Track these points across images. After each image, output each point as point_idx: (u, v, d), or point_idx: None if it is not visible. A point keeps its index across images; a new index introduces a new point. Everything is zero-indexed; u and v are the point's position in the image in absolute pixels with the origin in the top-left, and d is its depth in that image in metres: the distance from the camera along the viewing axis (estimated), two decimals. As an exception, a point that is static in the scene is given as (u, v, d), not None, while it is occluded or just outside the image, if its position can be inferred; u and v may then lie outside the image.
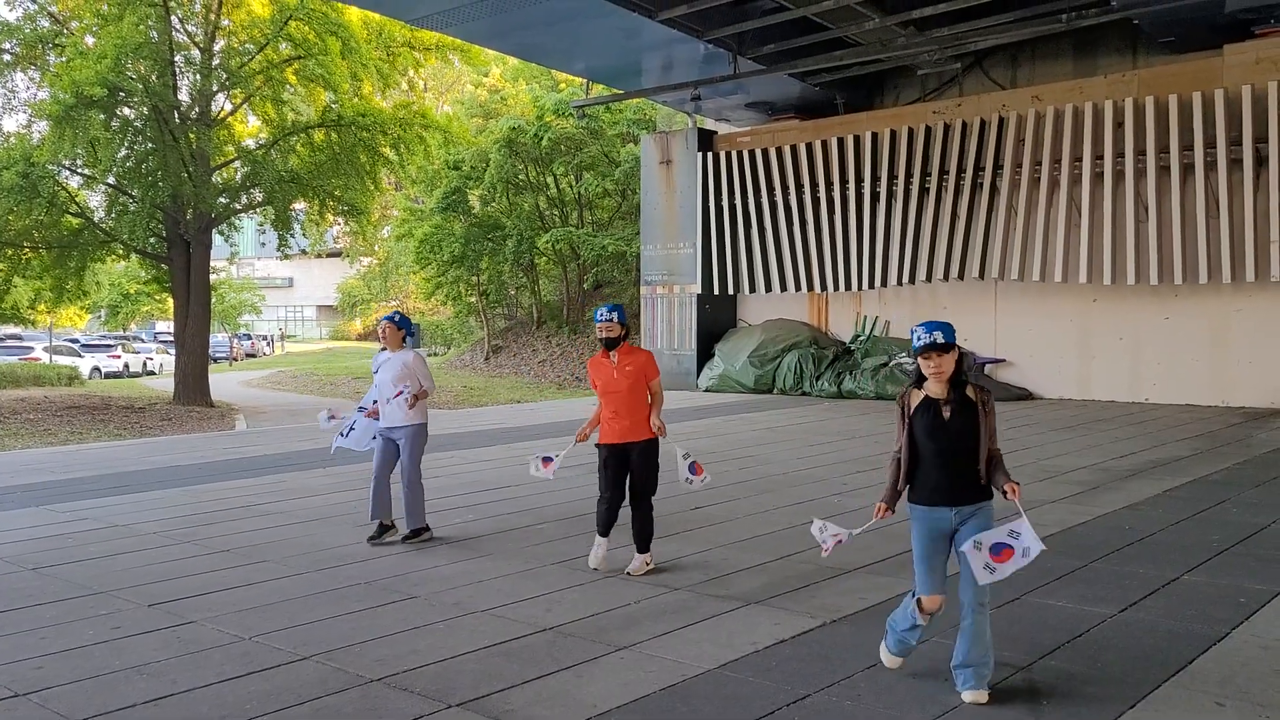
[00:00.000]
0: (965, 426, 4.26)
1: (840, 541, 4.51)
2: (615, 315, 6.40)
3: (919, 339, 4.26)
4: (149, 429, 19.99)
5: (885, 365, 19.15)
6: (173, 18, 23.50)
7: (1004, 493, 4.23)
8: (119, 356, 39.46)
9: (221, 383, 31.52)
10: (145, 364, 41.15)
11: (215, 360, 39.31)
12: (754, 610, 5.54)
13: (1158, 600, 5.66)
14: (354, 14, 23.66)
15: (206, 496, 9.36)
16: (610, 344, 6.40)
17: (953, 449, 4.25)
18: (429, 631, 5.21)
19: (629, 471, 6.43)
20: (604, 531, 6.51)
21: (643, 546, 6.42)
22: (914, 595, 4.38)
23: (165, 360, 39.82)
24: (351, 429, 7.61)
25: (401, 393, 7.19)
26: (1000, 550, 4.10)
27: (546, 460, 6.81)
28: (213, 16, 24.35)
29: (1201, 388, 16.96)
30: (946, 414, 4.27)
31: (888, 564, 6.54)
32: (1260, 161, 15.72)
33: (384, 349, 7.59)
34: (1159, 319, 17.39)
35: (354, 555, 6.93)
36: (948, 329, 4.28)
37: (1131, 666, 4.60)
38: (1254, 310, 16.45)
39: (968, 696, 4.21)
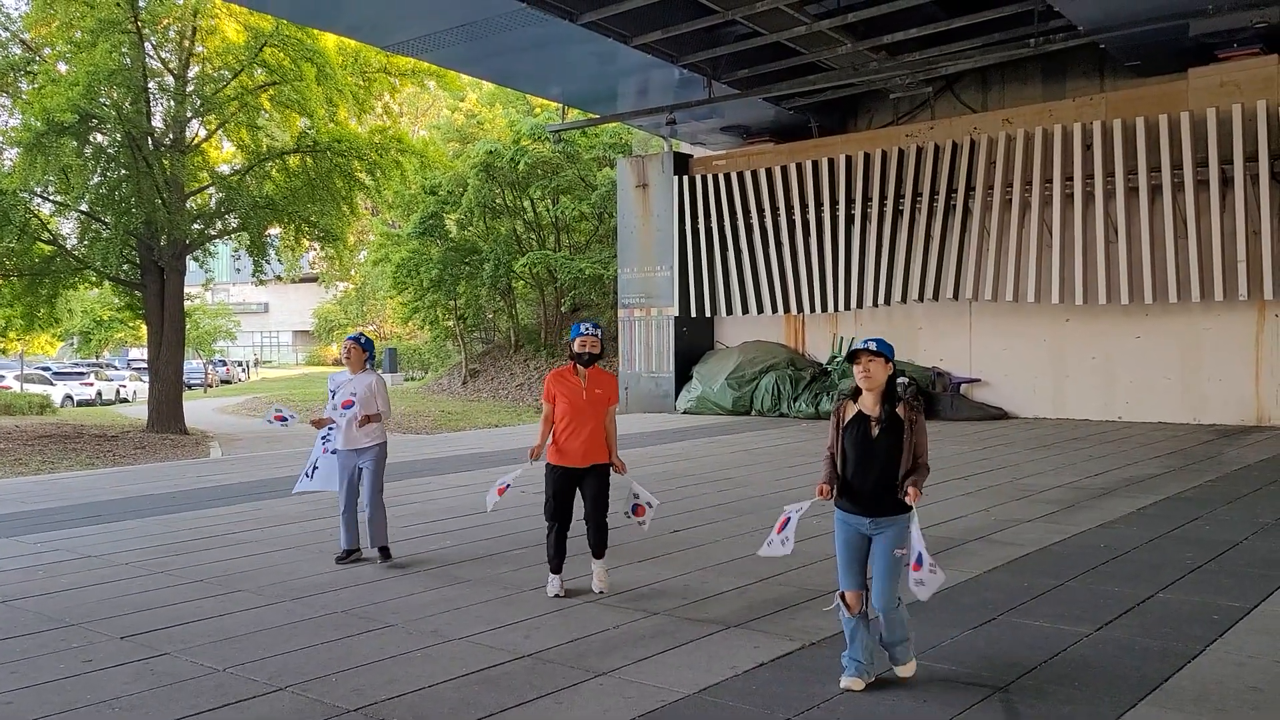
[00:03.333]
0: (890, 444, 4.48)
1: (787, 520, 4.88)
2: (600, 332, 6.33)
3: (854, 346, 4.54)
4: (122, 457, 19.79)
5: (862, 386, 19.22)
6: (146, 44, 23.45)
7: (904, 494, 4.43)
8: (91, 384, 39.10)
9: (196, 410, 31.24)
10: (118, 391, 40.78)
11: (189, 387, 38.98)
12: (733, 634, 5.53)
13: (1133, 618, 5.70)
14: (329, 40, 23.69)
15: (180, 526, 9.26)
16: (588, 360, 6.27)
17: (876, 465, 4.49)
18: (406, 660, 5.18)
19: (574, 496, 6.32)
20: (558, 567, 6.39)
21: (599, 552, 6.41)
22: (838, 591, 4.69)
23: (139, 387, 39.47)
24: (315, 468, 7.62)
25: (351, 403, 7.27)
26: (915, 561, 4.42)
27: (503, 487, 6.54)
28: (187, 43, 24.32)
29: (1173, 406, 17.14)
30: (875, 431, 4.51)
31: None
32: (1226, 183, 15.98)
33: (343, 370, 7.67)
34: (1130, 338, 17.58)
35: (330, 584, 6.87)
36: (883, 342, 4.56)
37: (1108, 685, 4.63)
38: (1223, 329, 16.67)
39: (900, 672, 4.66)
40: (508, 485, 6.52)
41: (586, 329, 6.29)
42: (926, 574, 4.41)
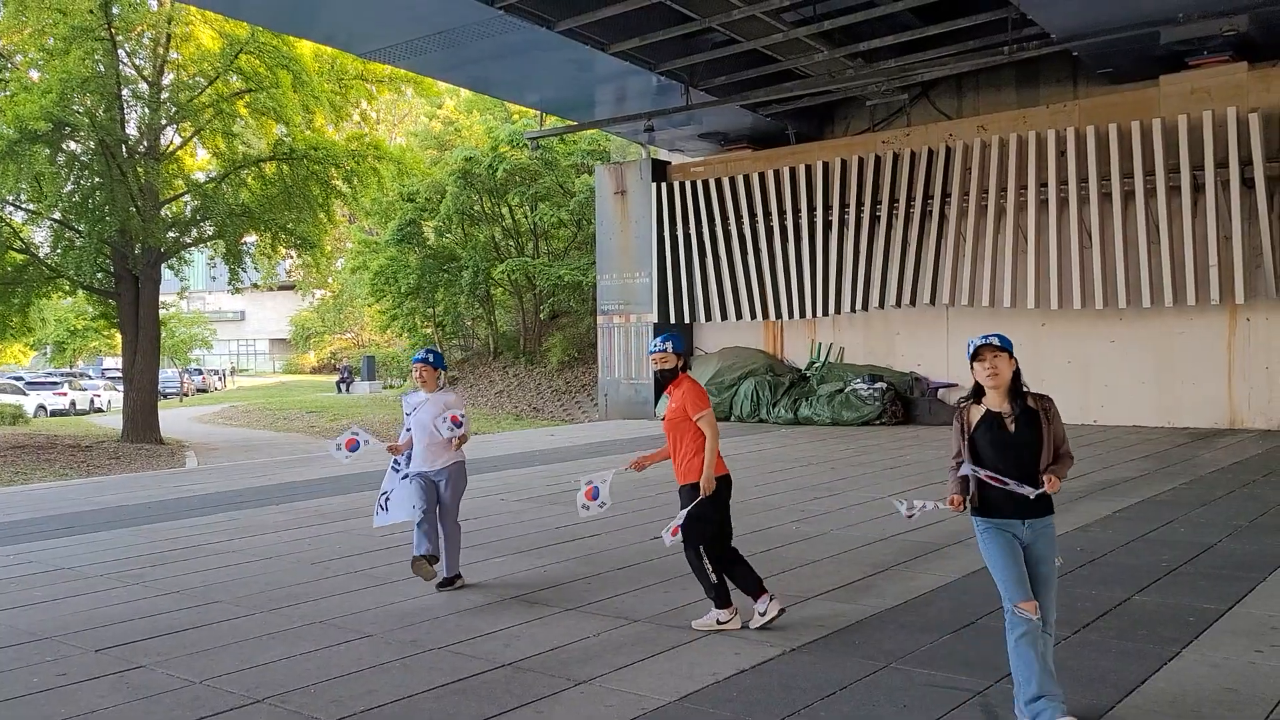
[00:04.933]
0: (1030, 438, 4.18)
1: (924, 509, 4.49)
2: (669, 345, 5.78)
3: (973, 343, 4.22)
4: (97, 468, 19.60)
5: (840, 391, 19.31)
6: (120, 51, 23.29)
7: (1043, 483, 4.14)
8: (65, 394, 38.67)
9: (171, 419, 30.99)
10: (92, 401, 40.35)
11: (165, 396, 38.61)
12: (714, 640, 5.53)
13: (1110, 621, 5.74)
14: (306, 47, 23.59)
15: (156, 536, 9.17)
16: (664, 378, 5.85)
17: (1019, 462, 4.16)
18: (385, 670, 5.15)
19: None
20: (720, 600, 5.72)
21: (717, 604, 5.71)
22: (1010, 604, 4.14)
23: (113, 397, 39.08)
24: (388, 498, 7.09)
25: (456, 427, 6.84)
26: None
27: (592, 492, 6.02)
28: (161, 50, 24.16)
29: (1148, 409, 17.30)
30: (1012, 428, 4.20)
31: (848, 590, 6.57)
32: (1198, 188, 16.16)
33: (417, 389, 7.16)
34: (1105, 342, 17.73)
35: (308, 594, 6.82)
36: (1004, 338, 4.23)
37: (1085, 687, 4.66)
38: (1196, 333, 16.84)
39: None
40: (596, 488, 5.99)
41: (654, 345, 5.82)
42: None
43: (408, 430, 7.03)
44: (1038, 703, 4.06)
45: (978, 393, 4.29)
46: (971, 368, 4.25)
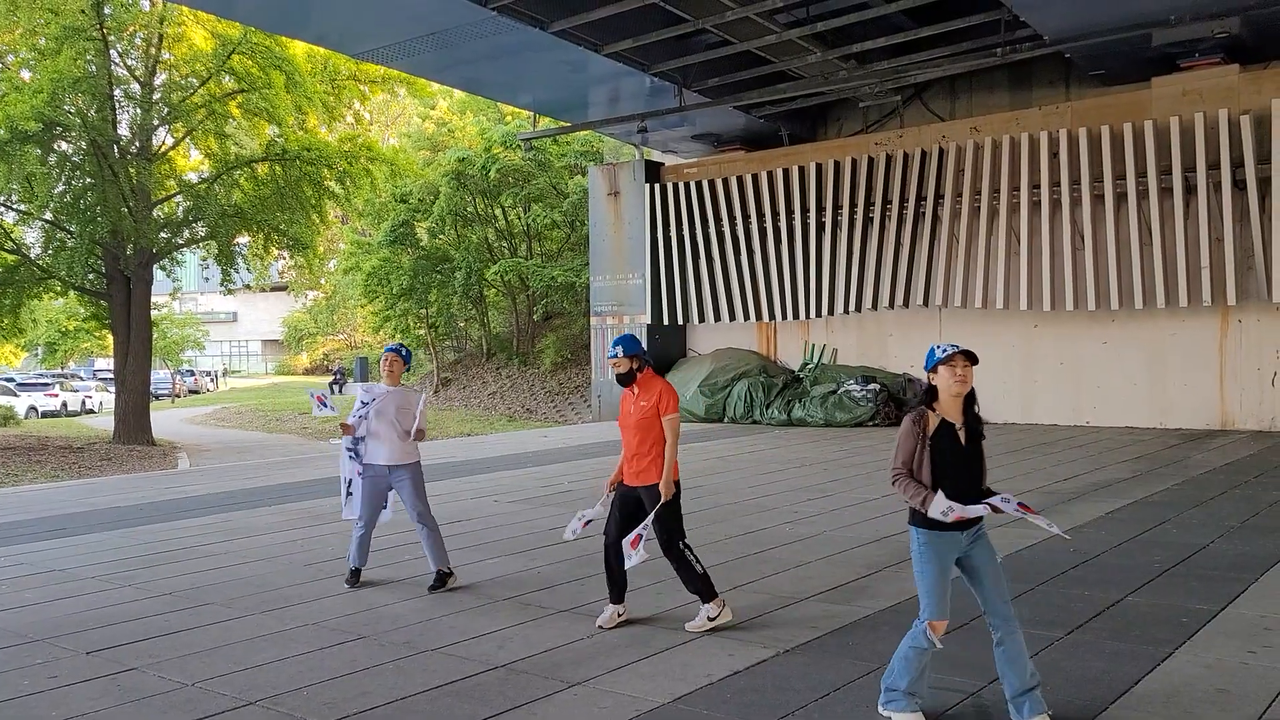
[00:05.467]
0: (977, 451, 4.24)
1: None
2: (620, 349, 5.83)
3: (944, 349, 4.19)
4: (88, 469, 19.53)
5: (834, 392, 19.33)
6: (112, 51, 23.20)
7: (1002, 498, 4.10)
8: (56, 395, 38.52)
9: (163, 420, 30.89)
10: (84, 402, 40.21)
11: (157, 397, 38.53)
12: (708, 642, 5.53)
13: (1103, 622, 5.75)
14: (298, 47, 23.54)
15: (148, 538, 9.14)
16: (622, 381, 5.87)
17: (970, 474, 4.20)
18: (379, 672, 5.13)
19: (631, 515, 5.81)
20: (613, 597, 5.92)
21: (705, 596, 5.78)
22: (920, 622, 4.23)
23: (105, 398, 38.95)
24: (350, 494, 7.11)
25: (421, 428, 6.92)
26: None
27: (587, 522, 6.03)
28: (153, 50, 24.08)
29: (1140, 410, 17.34)
30: (963, 439, 4.21)
31: (841, 591, 6.57)
32: (1189, 190, 16.21)
33: (378, 381, 7.15)
34: (1098, 344, 17.78)
35: (301, 596, 6.80)
36: (957, 349, 4.21)
37: (1079, 688, 4.66)
38: (1188, 334, 16.89)
39: None
40: (589, 520, 6.02)
41: (610, 352, 5.87)
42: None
43: (361, 417, 6.94)
44: (895, 693, 4.26)
45: (929, 399, 4.25)
46: (934, 372, 4.20)
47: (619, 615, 5.90)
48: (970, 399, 4.24)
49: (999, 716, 4.35)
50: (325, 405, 7.34)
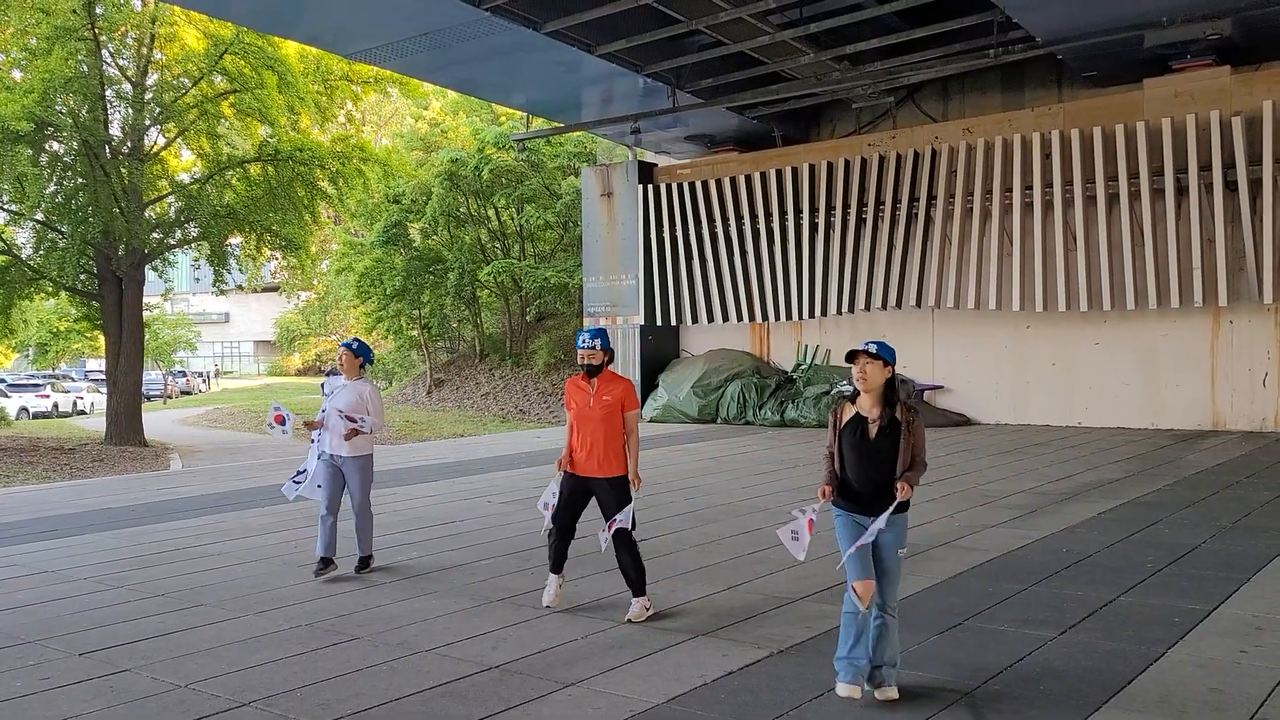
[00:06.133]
0: (888, 446, 4.51)
1: (811, 521, 4.69)
2: (599, 342, 6.07)
3: (855, 347, 4.60)
4: (80, 470, 19.46)
5: (827, 393, 19.36)
6: (104, 51, 23.13)
7: (896, 488, 4.47)
8: (48, 396, 38.39)
9: (155, 421, 30.80)
10: (75, 403, 40.07)
11: (149, 398, 38.39)
12: (701, 642, 5.53)
13: (1096, 621, 5.76)
14: (291, 47, 23.49)
15: (140, 539, 9.11)
16: (592, 371, 6.09)
17: (874, 467, 4.52)
18: (373, 673, 5.12)
19: (586, 506, 6.16)
20: (555, 568, 6.30)
21: (638, 590, 6.06)
22: (848, 584, 4.54)
23: (96, 399, 38.84)
24: (304, 471, 7.38)
25: (358, 429, 7.15)
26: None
27: (549, 506, 6.25)
28: (145, 50, 24.01)
29: (1132, 411, 17.39)
30: (872, 432, 4.53)
31: (834, 592, 6.57)
32: (1181, 191, 16.26)
33: (337, 374, 7.49)
34: (1090, 344, 17.83)
35: (294, 597, 6.79)
36: (884, 345, 4.56)
37: (1072, 688, 4.68)
38: (1179, 335, 16.95)
39: (884, 694, 4.55)
40: (550, 504, 6.24)
41: (584, 341, 6.07)
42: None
43: (323, 411, 7.33)
44: (840, 661, 4.58)
45: (855, 394, 4.64)
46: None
47: (559, 586, 6.30)
48: (889, 395, 4.52)
49: (993, 716, 4.36)
50: (284, 425, 7.42)
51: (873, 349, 4.51)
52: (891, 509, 4.47)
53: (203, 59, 23.32)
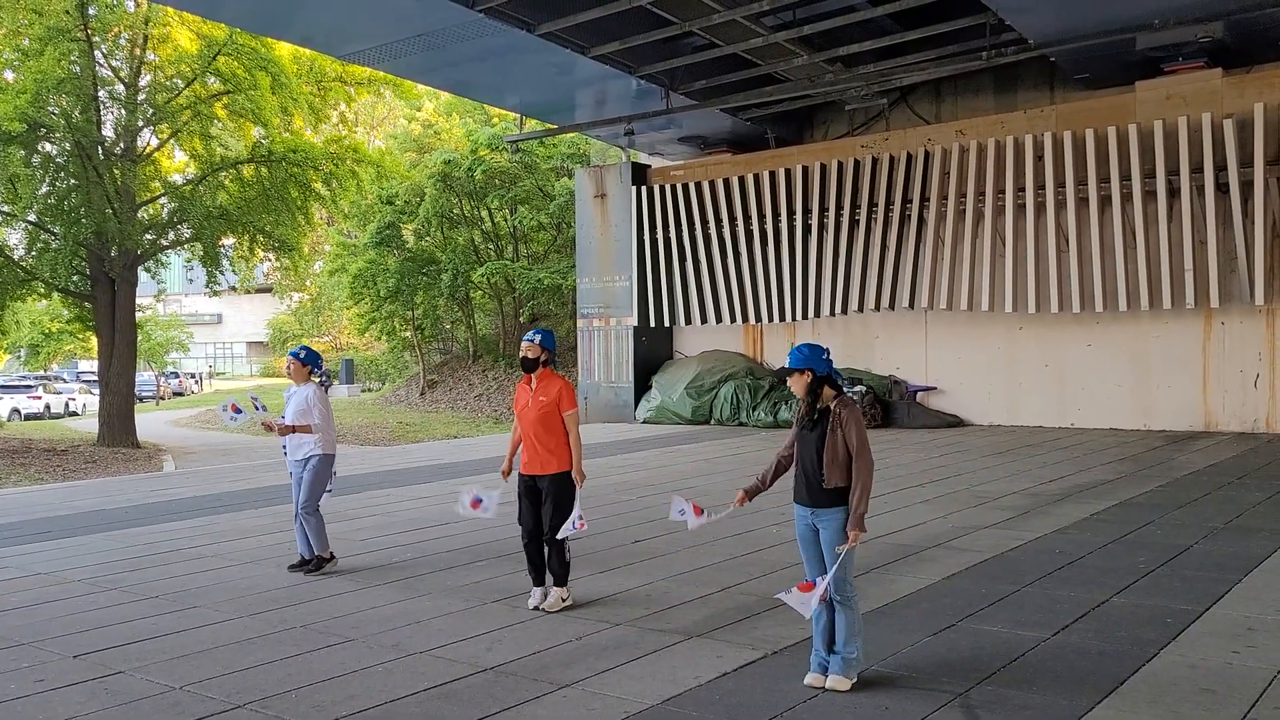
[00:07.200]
0: (817, 437, 4.81)
1: (700, 516, 5.25)
2: (538, 338, 6.34)
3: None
4: (72, 472, 19.41)
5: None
6: (96, 52, 23.08)
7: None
8: (40, 397, 38.24)
9: (148, 422, 30.72)
10: (67, 405, 39.94)
11: (141, 399, 38.30)
12: (696, 643, 5.54)
13: (1089, 622, 5.78)
14: (284, 49, 23.46)
15: (134, 541, 9.09)
16: (528, 366, 6.34)
17: (807, 458, 4.84)
18: (368, 674, 5.12)
19: (537, 503, 6.35)
20: (537, 579, 6.43)
21: (558, 580, 6.35)
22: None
23: (89, 400, 38.71)
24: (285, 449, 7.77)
25: (237, 413, 7.47)
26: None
27: (476, 501, 6.57)
28: (138, 51, 23.97)
29: (1124, 412, 17.45)
30: (806, 426, 4.90)
31: (827, 593, 6.58)
32: (1173, 193, 16.32)
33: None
34: (1082, 346, 17.88)
35: (289, 598, 6.78)
36: (796, 354, 4.84)
37: (1065, 689, 4.70)
38: (1171, 336, 17.01)
39: (830, 682, 4.74)
40: (484, 503, 6.55)
41: (528, 336, 6.37)
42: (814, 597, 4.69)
43: (282, 417, 7.62)
44: (813, 654, 4.89)
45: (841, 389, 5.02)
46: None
47: (544, 594, 6.41)
48: (814, 391, 4.82)
49: (986, 717, 4.38)
50: (238, 414, 7.64)
51: (787, 364, 4.85)
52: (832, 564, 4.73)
53: (196, 60, 23.30)
